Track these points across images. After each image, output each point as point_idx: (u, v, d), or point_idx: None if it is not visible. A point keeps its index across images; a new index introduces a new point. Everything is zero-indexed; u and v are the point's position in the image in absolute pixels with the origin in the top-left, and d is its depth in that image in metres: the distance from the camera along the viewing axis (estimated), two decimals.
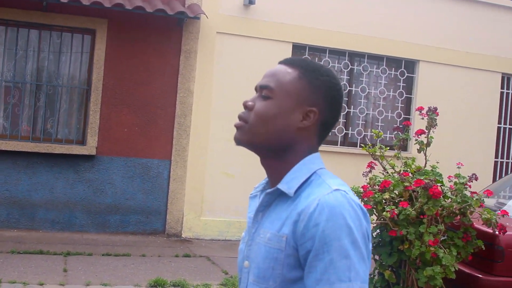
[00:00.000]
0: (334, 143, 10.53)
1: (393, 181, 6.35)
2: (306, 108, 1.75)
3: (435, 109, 6.80)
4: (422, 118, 6.83)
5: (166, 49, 9.49)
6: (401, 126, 8.89)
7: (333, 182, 1.69)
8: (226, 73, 9.80)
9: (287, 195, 1.72)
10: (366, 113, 10.81)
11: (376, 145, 7.00)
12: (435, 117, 6.78)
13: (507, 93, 11.67)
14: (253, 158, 8.50)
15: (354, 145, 10.67)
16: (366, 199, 6.36)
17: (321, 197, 1.62)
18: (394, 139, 7.35)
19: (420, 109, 6.83)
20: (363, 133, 10.74)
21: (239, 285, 1.88)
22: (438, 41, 11.05)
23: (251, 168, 9.70)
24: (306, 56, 10.30)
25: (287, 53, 10.09)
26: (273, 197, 1.77)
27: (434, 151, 6.78)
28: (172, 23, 9.41)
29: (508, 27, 11.55)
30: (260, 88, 1.79)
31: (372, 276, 6.70)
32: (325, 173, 1.76)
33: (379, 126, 10.81)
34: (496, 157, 11.64)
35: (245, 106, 1.80)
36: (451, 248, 6.06)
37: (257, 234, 1.79)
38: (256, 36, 9.96)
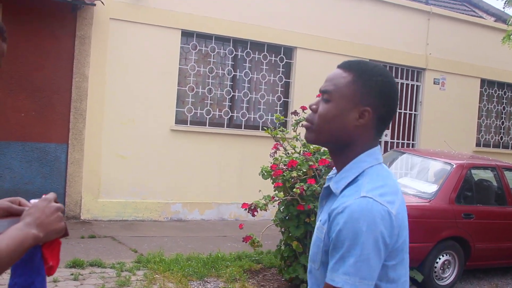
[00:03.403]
0: (221, 125, 11.09)
1: (299, 161, 7.06)
2: (361, 108, 1.97)
3: None
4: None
5: (61, 34, 9.51)
6: (296, 110, 9.61)
7: (368, 186, 1.90)
8: (119, 58, 10.02)
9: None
10: (250, 97, 11.47)
11: (277, 128, 7.73)
12: None
13: None
14: (144, 141, 9.21)
15: (238, 126, 11.29)
16: (275, 177, 7.03)
17: (349, 201, 1.86)
18: (275, 120, 8.26)
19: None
20: (247, 116, 11.39)
21: None
22: (313, 29, 11.92)
23: (143, 150, 10.10)
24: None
25: (177, 39, 10.51)
26: (329, 190, 2.07)
27: None
28: (67, 9, 9.46)
29: (375, 18, 12.67)
30: (322, 93, 2.05)
31: (279, 247, 7.38)
32: (371, 173, 1.98)
33: (262, 109, 11.52)
34: None
35: (310, 109, 2.07)
36: None
37: (318, 219, 2.10)
38: (147, 22, 10.25)
